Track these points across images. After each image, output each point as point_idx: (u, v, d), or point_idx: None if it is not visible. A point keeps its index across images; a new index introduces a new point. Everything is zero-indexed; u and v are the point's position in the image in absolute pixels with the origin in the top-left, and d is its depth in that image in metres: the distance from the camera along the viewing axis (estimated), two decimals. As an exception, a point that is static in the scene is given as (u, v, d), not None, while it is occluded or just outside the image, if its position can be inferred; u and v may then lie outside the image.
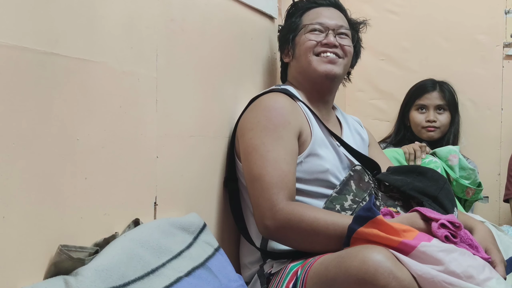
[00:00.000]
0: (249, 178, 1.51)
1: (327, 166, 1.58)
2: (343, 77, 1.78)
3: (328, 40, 1.67)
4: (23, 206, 0.96)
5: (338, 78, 1.72)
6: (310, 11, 1.75)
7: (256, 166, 1.48)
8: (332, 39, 1.67)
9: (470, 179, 2.13)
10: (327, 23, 1.70)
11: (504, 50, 2.53)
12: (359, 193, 1.57)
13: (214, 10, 1.61)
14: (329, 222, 1.40)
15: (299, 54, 1.71)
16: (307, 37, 1.69)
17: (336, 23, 1.71)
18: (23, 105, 0.96)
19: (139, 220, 1.24)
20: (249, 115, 1.60)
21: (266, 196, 1.44)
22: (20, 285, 0.94)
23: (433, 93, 2.42)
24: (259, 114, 1.56)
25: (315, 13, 1.74)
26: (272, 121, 1.53)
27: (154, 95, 1.32)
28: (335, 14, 1.74)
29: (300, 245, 1.47)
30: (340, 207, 1.52)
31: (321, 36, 1.68)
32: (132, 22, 1.25)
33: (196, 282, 1.19)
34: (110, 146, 1.18)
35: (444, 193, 1.58)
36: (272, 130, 1.52)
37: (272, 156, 1.48)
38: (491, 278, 1.25)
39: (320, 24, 1.70)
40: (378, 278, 1.19)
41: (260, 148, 1.50)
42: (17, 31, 0.95)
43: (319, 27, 1.70)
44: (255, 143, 1.51)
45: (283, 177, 1.47)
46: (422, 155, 2.10)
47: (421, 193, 1.56)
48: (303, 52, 1.69)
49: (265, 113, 1.55)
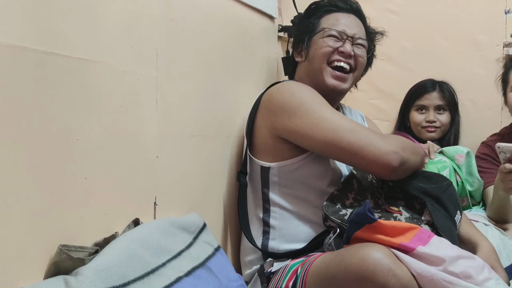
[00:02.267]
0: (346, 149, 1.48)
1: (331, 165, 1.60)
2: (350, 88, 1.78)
3: (345, 49, 1.66)
4: (23, 206, 0.96)
5: (345, 92, 1.73)
6: (329, 15, 1.72)
7: (341, 136, 1.48)
8: (348, 48, 1.66)
9: (473, 187, 2.12)
10: (346, 31, 1.68)
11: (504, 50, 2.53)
12: (361, 192, 1.57)
13: (214, 10, 1.61)
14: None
15: (312, 57, 1.70)
16: (325, 41, 1.67)
17: (354, 32, 1.69)
18: (23, 105, 0.96)
19: (139, 220, 1.24)
20: (280, 101, 1.57)
21: (369, 135, 1.48)
22: (20, 285, 0.94)
23: (432, 93, 2.42)
24: (293, 99, 1.55)
25: (334, 18, 1.71)
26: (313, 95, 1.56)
27: (154, 95, 1.33)
28: (354, 22, 1.72)
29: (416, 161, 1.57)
30: (341, 205, 1.52)
31: (338, 43, 1.67)
32: (132, 22, 1.25)
33: (196, 282, 1.19)
34: (110, 146, 1.18)
35: (447, 195, 1.58)
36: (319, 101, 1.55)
37: (342, 121, 1.50)
38: (490, 279, 1.25)
39: (339, 32, 1.68)
40: (377, 276, 1.19)
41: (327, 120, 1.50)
42: (17, 31, 0.95)
43: (337, 34, 1.68)
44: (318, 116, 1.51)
45: (363, 127, 1.53)
46: (431, 155, 2.10)
47: (424, 194, 1.56)
48: (317, 56, 1.68)
49: (297, 98, 1.55)
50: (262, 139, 1.61)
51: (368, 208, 1.28)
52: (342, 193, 1.56)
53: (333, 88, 1.67)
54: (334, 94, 1.69)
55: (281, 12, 2.06)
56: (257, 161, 1.62)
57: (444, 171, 2.03)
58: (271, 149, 1.59)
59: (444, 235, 1.44)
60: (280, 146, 1.57)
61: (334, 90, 1.67)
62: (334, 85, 1.66)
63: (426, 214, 1.54)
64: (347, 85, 1.69)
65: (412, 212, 1.55)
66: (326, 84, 1.66)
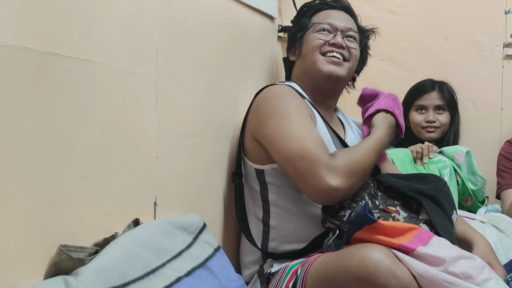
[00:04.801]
0: (289, 160, 1.48)
1: None
2: (347, 81, 1.77)
3: (336, 40, 1.67)
4: (23, 206, 0.96)
5: (341, 81, 1.71)
6: (320, 12, 1.76)
7: (292, 146, 1.47)
8: (340, 40, 1.67)
9: (476, 186, 2.12)
10: (336, 24, 1.70)
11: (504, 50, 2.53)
12: (359, 192, 1.57)
13: (214, 10, 1.61)
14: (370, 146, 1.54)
15: (305, 53, 1.71)
16: (316, 35, 1.69)
17: (345, 25, 1.71)
18: (23, 105, 0.96)
19: (139, 220, 1.24)
20: (261, 106, 1.59)
21: (317, 161, 1.42)
22: (20, 285, 0.94)
23: (432, 94, 2.42)
24: (274, 103, 1.56)
25: (325, 14, 1.74)
26: (289, 105, 1.54)
27: (154, 95, 1.33)
28: (345, 17, 1.75)
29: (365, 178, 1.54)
30: (339, 206, 1.52)
31: (329, 36, 1.68)
32: (132, 22, 1.25)
33: (196, 282, 1.19)
34: (110, 146, 1.18)
35: (443, 194, 1.59)
36: (292, 111, 1.53)
37: (302, 131, 1.49)
38: (490, 279, 1.25)
39: (329, 24, 1.70)
40: (377, 277, 1.19)
41: (288, 130, 1.49)
42: (17, 31, 0.95)
43: (328, 27, 1.70)
44: (283, 124, 1.51)
45: (321, 141, 1.49)
46: (430, 154, 2.10)
47: (420, 194, 1.56)
48: (309, 50, 1.69)
49: (278, 101, 1.56)
50: (251, 141, 1.61)
51: (368, 209, 1.28)
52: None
53: (329, 74, 1.65)
54: (331, 83, 1.68)
55: (281, 12, 2.06)
56: (250, 164, 1.62)
57: (445, 170, 2.03)
58: (262, 151, 1.58)
59: (443, 234, 1.44)
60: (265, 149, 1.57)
61: (330, 77, 1.65)
62: (330, 70, 1.65)
63: (423, 214, 1.54)
64: (343, 71, 1.67)
65: (410, 212, 1.55)
66: (321, 72, 1.66)
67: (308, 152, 1.44)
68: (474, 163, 2.11)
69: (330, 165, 1.42)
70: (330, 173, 1.41)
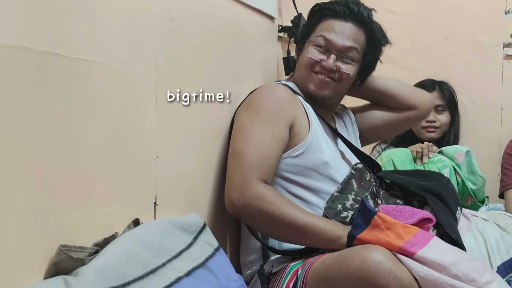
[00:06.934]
0: (230, 153, 1.52)
1: (326, 159, 1.57)
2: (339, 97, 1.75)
3: (327, 64, 1.62)
4: (23, 206, 0.96)
5: (329, 99, 1.70)
6: (326, 21, 1.68)
7: (239, 143, 1.49)
8: (330, 63, 1.62)
9: (476, 185, 2.12)
10: (333, 42, 1.63)
11: (504, 50, 2.53)
12: (361, 192, 1.57)
13: (214, 10, 1.61)
14: (296, 215, 1.40)
15: (300, 62, 1.71)
16: (310, 52, 1.66)
17: (343, 44, 1.63)
18: (23, 105, 0.96)
19: (139, 220, 1.24)
20: (245, 101, 1.62)
21: (241, 173, 1.44)
22: (20, 285, 0.94)
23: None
24: (254, 99, 1.59)
25: (329, 24, 1.66)
26: (265, 105, 1.54)
27: (154, 95, 1.32)
28: (349, 31, 1.65)
29: (260, 227, 1.49)
30: (342, 207, 1.52)
31: (322, 56, 1.64)
32: (132, 22, 1.25)
33: (196, 282, 1.19)
34: (110, 146, 1.18)
35: (448, 191, 1.59)
36: (264, 113, 1.53)
37: (257, 137, 1.49)
38: (492, 281, 1.25)
39: (327, 41, 1.64)
40: (378, 278, 1.19)
41: (247, 128, 1.51)
42: (17, 31, 0.95)
43: (324, 44, 1.64)
44: (245, 123, 1.53)
45: (263, 160, 1.46)
46: (430, 154, 2.10)
47: (425, 191, 1.56)
48: (303, 63, 1.68)
49: (260, 98, 1.58)
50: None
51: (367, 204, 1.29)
52: (342, 193, 1.55)
53: (315, 94, 1.66)
54: (319, 100, 1.68)
55: (281, 12, 2.05)
56: None
57: (445, 170, 2.03)
58: None
59: (449, 232, 1.45)
60: None
61: (316, 96, 1.66)
62: (316, 91, 1.65)
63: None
64: (328, 92, 1.65)
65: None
66: (309, 89, 1.67)
67: (244, 158, 1.45)
68: (474, 163, 2.11)
69: (248, 182, 1.41)
70: (241, 189, 1.41)
